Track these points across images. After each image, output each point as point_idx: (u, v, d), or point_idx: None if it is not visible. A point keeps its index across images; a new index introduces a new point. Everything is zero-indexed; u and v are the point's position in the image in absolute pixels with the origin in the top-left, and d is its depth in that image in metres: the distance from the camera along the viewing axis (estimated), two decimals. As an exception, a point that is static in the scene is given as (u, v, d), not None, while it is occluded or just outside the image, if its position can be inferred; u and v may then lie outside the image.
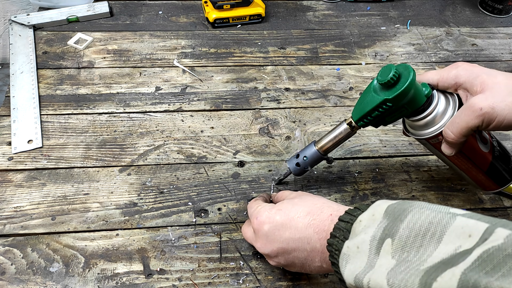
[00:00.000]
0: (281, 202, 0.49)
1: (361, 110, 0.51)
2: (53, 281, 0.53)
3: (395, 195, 0.65)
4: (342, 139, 0.56)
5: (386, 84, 0.47)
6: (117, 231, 0.59)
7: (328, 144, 0.57)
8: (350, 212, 0.40)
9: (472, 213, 0.32)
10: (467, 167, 0.53)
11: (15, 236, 0.57)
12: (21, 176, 0.64)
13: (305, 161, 0.58)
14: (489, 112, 0.43)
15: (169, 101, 0.76)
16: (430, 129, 0.50)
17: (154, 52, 0.84)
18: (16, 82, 0.76)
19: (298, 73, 0.83)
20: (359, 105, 0.51)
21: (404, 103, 0.47)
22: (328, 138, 0.57)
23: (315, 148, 0.57)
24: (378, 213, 0.37)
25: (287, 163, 0.60)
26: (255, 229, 0.48)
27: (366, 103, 0.50)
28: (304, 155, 0.58)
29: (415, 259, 0.32)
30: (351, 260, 0.37)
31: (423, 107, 0.48)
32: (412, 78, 0.46)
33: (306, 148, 0.59)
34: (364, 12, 0.98)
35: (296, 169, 0.59)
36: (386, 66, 0.47)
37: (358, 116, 0.52)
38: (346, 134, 0.55)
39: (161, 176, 0.65)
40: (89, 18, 0.90)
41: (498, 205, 0.64)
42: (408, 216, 0.34)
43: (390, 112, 0.49)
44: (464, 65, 0.48)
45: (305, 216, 0.45)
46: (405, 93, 0.46)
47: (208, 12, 0.89)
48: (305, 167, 0.59)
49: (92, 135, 0.70)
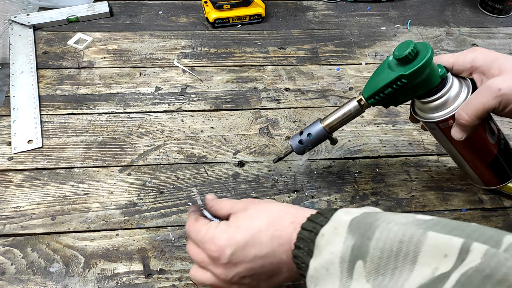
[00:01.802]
0: (235, 217, 0.43)
1: (373, 86, 0.49)
2: (53, 281, 0.53)
3: (395, 195, 0.65)
4: (350, 117, 0.54)
5: (403, 59, 0.45)
6: (117, 231, 0.59)
7: (335, 122, 0.55)
8: (312, 219, 0.38)
9: (441, 221, 0.31)
10: (472, 157, 0.52)
11: (15, 236, 0.57)
12: (21, 176, 0.64)
13: (309, 138, 0.56)
14: (507, 94, 0.43)
15: (169, 101, 0.76)
16: (441, 112, 0.49)
17: (154, 52, 0.84)
18: (16, 82, 0.76)
19: (298, 73, 0.83)
20: (372, 82, 0.50)
21: (419, 82, 0.46)
22: (336, 115, 0.54)
23: (321, 125, 0.55)
24: (341, 227, 0.35)
25: (290, 141, 0.58)
26: (214, 257, 0.41)
27: (380, 79, 0.48)
28: (309, 132, 0.56)
29: (391, 284, 0.30)
30: (321, 283, 0.35)
31: (436, 88, 0.47)
32: (430, 55, 0.44)
33: (311, 125, 0.56)
34: (364, 12, 0.98)
35: (298, 147, 0.57)
36: (404, 41, 0.46)
37: (370, 93, 0.50)
38: (355, 112, 0.53)
39: (161, 176, 0.65)
40: (89, 18, 0.90)
41: (498, 205, 0.64)
42: (376, 233, 0.32)
43: (404, 90, 0.47)
44: (481, 49, 0.48)
45: (267, 228, 0.41)
46: (422, 70, 0.45)
47: (208, 12, 0.89)
48: (307, 145, 0.56)
49: (92, 135, 0.70)
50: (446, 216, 0.63)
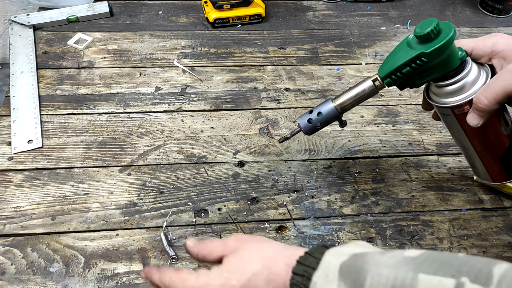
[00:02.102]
0: (226, 261, 0.40)
1: (391, 65, 0.47)
2: (53, 281, 0.53)
3: (395, 195, 0.65)
4: (363, 98, 0.52)
5: (425, 36, 0.43)
6: (117, 231, 0.59)
7: (347, 102, 0.52)
8: (302, 262, 0.37)
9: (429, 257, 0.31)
10: (483, 149, 0.51)
11: (15, 236, 0.57)
12: (21, 176, 0.64)
13: (319, 117, 0.53)
14: None
15: (169, 101, 0.76)
16: (457, 96, 0.47)
17: (154, 52, 0.84)
18: (16, 82, 0.76)
19: (298, 73, 0.83)
20: (389, 60, 0.48)
21: (438, 62, 0.45)
22: (349, 95, 0.52)
23: (332, 104, 0.53)
24: (332, 274, 0.34)
25: (298, 119, 0.56)
26: None
27: (398, 58, 0.46)
28: (319, 110, 0.53)
29: None
30: None
31: (454, 72, 0.46)
32: (453, 34, 0.43)
33: (322, 104, 0.54)
34: (364, 12, 0.98)
35: (307, 126, 0.54)
36: (426, 19, 0.44)
37: (386, 72, 0.48)
38: (369, 92, 0.51)
39: (161, 176, 0.65)
40: (89, 18, 0.90)
41: (498, 205, 0.64)
42: (367, 278, 0.32)
43: (422, 70, 0.46)
44: (501, 34, 0.47)
45: (261, 270, 0.38)
46: (443, 49, 0.43)
47: (208, 12, 0.89)
48: (316, 124, 0.54)
49: (92, 135, 0.70)
50: (446, 216, 0.63)
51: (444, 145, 0.72)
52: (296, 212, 0.62)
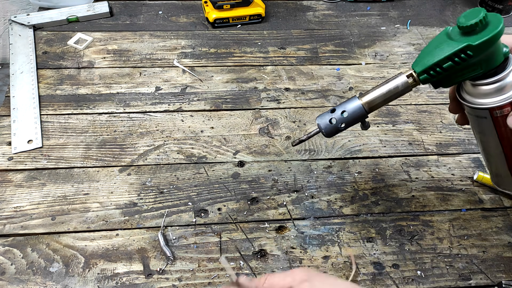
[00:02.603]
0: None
1: (429, 59, 0.42)
2: (53, 281, 0.53)
3: (395, 195, 0.65)
4: (395, 96, 0.46)
5: (470, 28, 0.39)
6: (117, 231, 0.59)
7: (377, 100, 0.46)
8: None
9: None
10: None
11: (15, 236, 0.57)
12: (21, 176, 0.64)
13: (343, 117, 0.47)
14: None
15: (169, 101, 0.76)
16: (498, 97, 0.42)
17: (154, 52, 0.84)
18: (16, 82, 0.76)
19: (298, 73, 0.83)
20: (426, 54, 0.43)
21: (483, 57, 0.41)
22: (379, 91, 0.46)
23: (359, 102, 0.47)
24: None
25: (317, 119, 0.49)
26: None
27: (439, 51, 0.41)
28: (344, 109, 0.47)
29: None
30: None
31: (496, 70, 0.42)
32: (503, 26, 0.39)
33: (346, 102, 0.48)
34: (364, 12, 0.98)
35: (328, 127, 0.48)
36: (472, 9, 0.40)
37: (424, 67, 0.43)
38: (402, 89, 0.45)
39: (161, 176, 0.65)
40: (89, 18, 0.90)
41: (498, 205, 0.64)
42: None
43: (465, 66, 0.41)
44: None
45: None
46: (491, 42, 0.39)
47: (208, 12, 0.89)
48: (339, 126, 0.47)
49: (92, 135, 0.70)
50: (446, 216, 0.63)
51: (444, 145, 0.72)
52: (296, 212, 0.62)
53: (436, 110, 0.77)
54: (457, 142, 0.72)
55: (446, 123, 0.75)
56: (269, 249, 0.58)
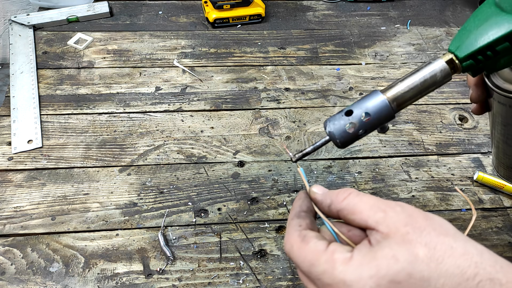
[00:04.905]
0: (388, 246, 0.26)
1: (477, 40, 0.33)
2: (53, 281, 0.53)
3: (395, 195, 0.65)
4: (431, 88, 0.35)
5: None
6: (117, 231, 0.59)
7: (408, 94, 0.34)
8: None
9: None
10: None
11: (15, 236, 0.57)
12: (21, 176, 0.64)
13: (364, 121, 0.34)
14: None
15: (169, 101, 0.76)
16: None
17: (154, 52, 0.84)
18: (16, 82, 0.76)
19: (298, 73, 0.83)
20: (470, 34, 0.33)
21: None
22: (410, 82, 0.35)
23: (384, 98, 0.34)
24: None
25: (328, 126, 0.36)
26: None
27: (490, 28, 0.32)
28: (366, 110, 0.34)
29: None
30: None
31: None
32: None
33: (366, 98, 0.35)
34: (364, 12, 0.98)
35: (345, 135, 0.35)
36: None
37: (470, 51, 0.33)
38: (441, 78, 0.34)
39: (161, 176, 0.65)
40: (89, 18, 0.90)
41: (498, 205, 0.64)
42: None
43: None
44: None
45: (461, 255, 0.25)
46: None
47: (208, 12, 0.89)
48: (358, 131, 0.35)
49: (92, 135, 0.70)
50: (446, 216, 0.63)
51: (444, 145, 0.72)
52: (296, 212, 0.62)
53: (436, 110, 0.77)
54: (457, 142, 0.72)
55: (446, 123, 0.75)
56: (269, 249, 0.58)
